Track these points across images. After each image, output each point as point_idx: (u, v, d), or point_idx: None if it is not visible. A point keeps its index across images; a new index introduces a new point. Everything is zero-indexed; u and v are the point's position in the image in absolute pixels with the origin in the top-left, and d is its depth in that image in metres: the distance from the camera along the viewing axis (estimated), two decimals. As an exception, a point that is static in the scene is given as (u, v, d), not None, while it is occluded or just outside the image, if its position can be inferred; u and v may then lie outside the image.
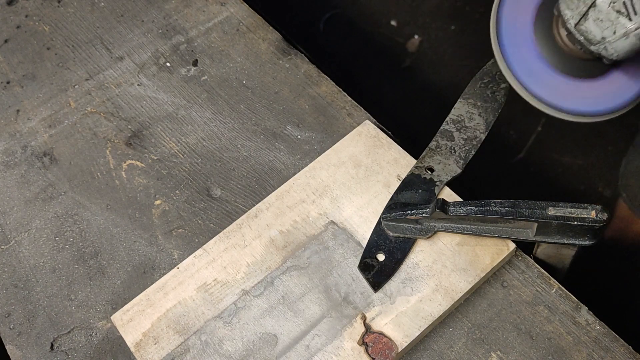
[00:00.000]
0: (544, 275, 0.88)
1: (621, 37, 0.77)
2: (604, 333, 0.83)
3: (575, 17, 0.80)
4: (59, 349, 0.88)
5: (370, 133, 0.98)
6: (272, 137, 1.04)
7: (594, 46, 0.81)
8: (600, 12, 0.78)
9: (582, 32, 0.81)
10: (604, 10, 0.77)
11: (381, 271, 0.86)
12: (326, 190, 0.94)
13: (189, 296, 0.87)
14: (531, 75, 0.89)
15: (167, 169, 1.02)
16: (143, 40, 1.18)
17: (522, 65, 0.89)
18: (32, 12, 1.24)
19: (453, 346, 0.84)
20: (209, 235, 0.94)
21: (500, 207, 0.82)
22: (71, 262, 0.95)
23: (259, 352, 0.82)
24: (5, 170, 1.05)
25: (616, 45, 0.79)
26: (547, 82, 0.89)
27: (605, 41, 0.79)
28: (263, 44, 1.16)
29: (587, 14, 0.79)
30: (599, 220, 0.79)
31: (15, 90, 1.14)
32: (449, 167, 0.93)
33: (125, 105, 1.10)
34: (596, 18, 0.78)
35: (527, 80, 0.89)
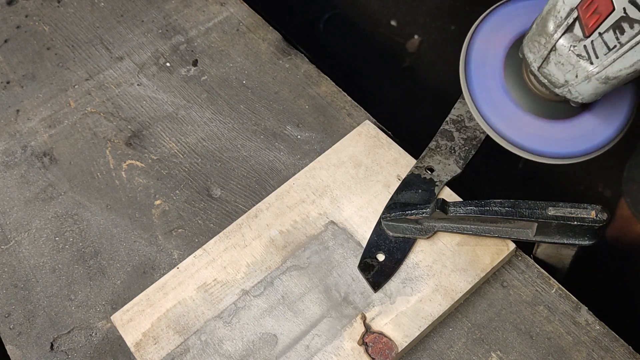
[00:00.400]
0: (544, 275, 0.88)
1: (583, 80, 0.77)
2: (603, 333, 0.83)
3: (537, 61, 0.80)
4: (59, 349, 0.88)
5: (370, 133, 0.98)
6: (272, 137, 1.04)
7: (559, 89, 0.81)
8: (561, 56, 0.77)
9: (545, 75, 0.81)
10: (565, 54, 0.76)
11: (381, 271, 0.86)
12: (326, 190, 0.94)
13: (189, 296, 0.87)
14: (501, 116, 0.88)
15: (167, 169, 1.03)
16: (143, 40, 1.18)
17: (493, 107, 0.89)
18: (32, 12, 1.24)
19: (453, 346, 0.84)
20: (209, 235, 0.94)
21: (500, 207, 0.82)
22: (71, 262, 0.95)
23: (259, 352, 0.82)
24: (5, 170, 1.05)
25: (579, 88, 0.78)
26: (517, 123, 0.88)
27: (568, 84, 0.79)
28: (263, 44, 1.16)
29: (549, 58, 0.78)
30: (599, 220, 0.79)
31: (15, 90, 1.14)
32: (449, 167, 0.93)
33: (125, 105, 1.10)
34: (557, 62, 0.78)
35: (497, 122, 0.88)
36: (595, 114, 0.87)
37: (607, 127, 0.87)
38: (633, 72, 0.74)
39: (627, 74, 0.74)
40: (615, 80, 0.75)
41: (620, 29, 0.72)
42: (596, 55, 0.74)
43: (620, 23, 0.71)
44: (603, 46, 0.73)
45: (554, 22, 0.76)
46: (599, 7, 0.72)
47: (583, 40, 0.74)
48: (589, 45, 0.74)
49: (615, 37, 0.72)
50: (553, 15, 0.76)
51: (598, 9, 0.72)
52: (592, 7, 0.72)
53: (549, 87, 0.82)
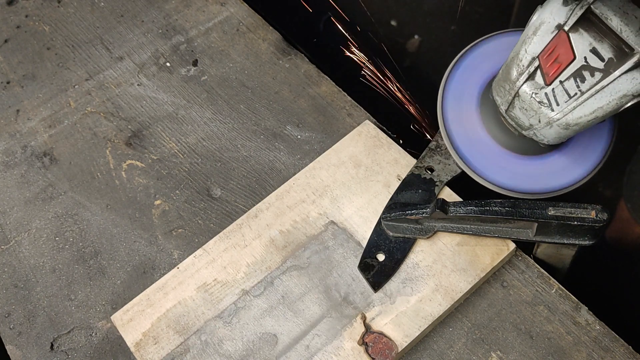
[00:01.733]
0: (544, 275, 0.88)
1: (545, 125, 0.79)
2: (604, 333, 0.83)
3: (504, 104, 0.82)
4: (59, 349, 0.88)
5: (370, 133, 0.98)
6: (272, 137, 1.04)
7: (525, 131, 0.83)
8: (523, 102, 0.79)
9: (512, 118, 0.83)
10: (527, 100, 0.78)
11: (381, 271, 0.86)
12: (326, 190, 0.94)
13: (189, 296, 0.87)
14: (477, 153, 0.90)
15: (167, 169, 1.02)
16: (143, 40, 1.18)
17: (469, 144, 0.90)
18: (32, 12, 1.24)
19: (453, 346, 0.84)
20: (209, 235, 0.94)
21: (500, 207, 0.82)
22: (71, 262, 0.95)
23: (259, 352, 0.82)
24: (5, 170, 1.05)
25: (543, 132, 0.81)
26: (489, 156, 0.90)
27: (533, 128, 0.81)
28: (263, 44, 1.16)
29: (514, 103, 0.81)
30: (599, 220, 0.79)
31: (15, 90, 1.14)
32: (449, 167, 0.93)
33: (125, 105, 1.10)
34: (521, 107, 0.80)
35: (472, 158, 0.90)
36: (566, 154, 0.89)
37: (577, 167, 0.88)
38: (593, 119, 0.76)
39: (587, 121, 0.76)
40: (576, 126, 0.77)
41: (581, 77, 0.74)
42: (557, 103, 0.76)
43: (582, 71, 0.74)
44: (564, 94, 0.76)
45: (517, 69, 0.78)
46: (560, 56, 0.74)
47: (544, 88, 0.77)
48: (550, 93, 0.76)
49: (576, 84, 0.74)
50: (516, 64, 0.78)
51: (559, 58, 0.74)
52: (553, 56, 0.75)
53: (517, 128, 0.84)
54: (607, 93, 0.73)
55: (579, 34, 0.73)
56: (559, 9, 0.74)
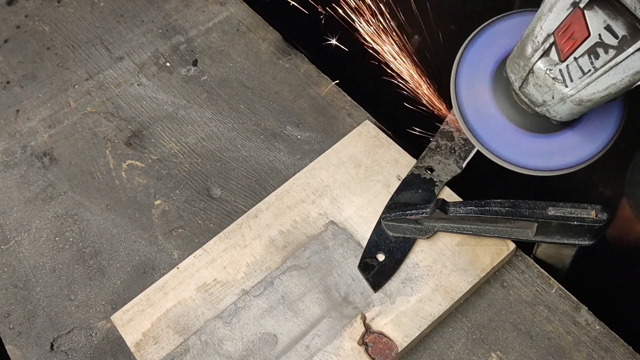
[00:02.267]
0: (544, 275, 0.88)
1: (559, 102, 0.80)
2: (604, 333, 0.83)
3: (518, 81, 0.83)
4: (59, 349, 0.88)
5: (370, 133, 0.98)
6: (272, 137, 1.04)
7: (538, 108, 0.84)
8: (537, 78, 0.80)
9: (525, 95, 0.84)
10: (541, 76, 0.79)
11: (381, 271, 0.86)
12: (326, 190, 0.94)
13: (189, 296, 0.87)
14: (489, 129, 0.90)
15: (167, 169, 1.02)
16: (143, 40, 1.18)
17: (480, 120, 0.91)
18: (32, 12, 1.24)
19: (453, 346, 0.84)
20: (209, 235, 0.94)
21: (500, 207, 0.82)
22: (71, 262, 0.95)
23: (259, 352, 0.82)
24: (5, 170, 1.05)
25: (557, 109, 0.81)
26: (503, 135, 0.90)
27: (546, 104, 0.82)
28: (263, 44, 1.16)
29: (528, 79, 0.82)
30: (599, 220, 0.79)
31: (15, 90, 1.14)
32: (449, 167, 0.93)
33: (125, 105, 1.10)
34: (535, 83, 0.81)
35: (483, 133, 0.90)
36: (578, 132, 0.90)
37: (588, 144, 0.89)
38: (606, 95, 0.76)
39: (600, 97, 0.77)
40: (589, 102, 0.78)
41: (595, 54, 0.74)
42: (571, 79, 0.77)
43: (595, 48, 0.74)
44: (578, 70, 0.76)
45: (532, 46, 0.79)
46: (575, 33, 0.75)
47: (559, 64, 0.77)
48: (564, 69, 0.77)
49: (590, 61, 0.75)
50: (531, 40, 0.79)
51: (574, 35, 0.75)
52: (568, 33, 0.75)
53: (530, 105, 0.85)
54: (620, 70, 0.74)
55: (594, 11, 0.74)
56: None
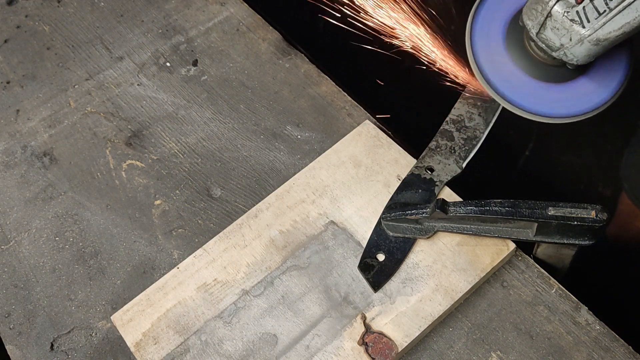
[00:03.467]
0: (544, 275, 0.88)
1: (577, 43, 0.83)
2: (604, 333, 0.83)
3: (535, 27, 0.86)
4: (59, 349, 0.88)
5: (370, 133, 0.98)
6: (272, 137, 1.04)
7: (555, 52, 0.87)
8: (555, 21, 0.83)
9: (543, 40, 0.87)
10: (559, 19, 0.83)
11: (381, 271, 0.86)
12: (326, 190, 0.94)
13: (189, 296, 0.87)
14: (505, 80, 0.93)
15: (167, 169, 1.02)
16: (143, 40, 1.18)
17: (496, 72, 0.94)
18: (32, 12, 1.24)
19: (453, 346, 0.84)
20: (209, 235, 0.94)
21: (500, 207, 0.82)
22: (71, 262, 0.95)
23: (259, 352, 0.82)
24: (5, 170, 1.05)
25: (574, 51, 0.85)
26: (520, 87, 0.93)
27: (563, 47, 0.85)
28: (263, 44, 1.16)
29: (545, 24, 0.85)
30: (599, 220, 0.79)
31: (15, 90, 1.14)
32: (449, 167, 0.93)
33: (125, 105, 1.10)
34: (553, 27, 0.84)
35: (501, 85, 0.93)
36: (591, 78, 0.93)
37: (602, 89, 0.93)
38: (622, 34, 0.80)
39: (616, 36, 0.80)
40: (605, 42, 0.81)
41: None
42: (587, 20, 0.81)
43: None
44: (594, 11, 0.80)
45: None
46: None
47: (575, 6, 0.81)
48: (581, 11, 0.81)
49: (605, 2, 0.79)
50: None
51: None
52: None
53: (547, 51, 0.88)
54: (633, 9, 0.78)
55: None
56: None
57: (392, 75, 1.14)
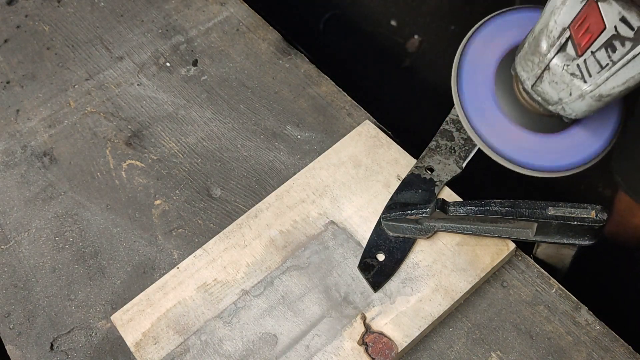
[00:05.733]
0: (544, 275, 0.88)
1: (577, 98, 0.77)
2: (603, 333, 0.83)
3: (531, 79, 0.81)
4: (58, 349, 0.88)
5: (370, 133, 0.98)
6: (272, 137, 1.04)
7: (552, 106, 0.81)
8: (554, 75, 0.77)
9: (539, 93, 0.81)
10: (558, 73, 0.77)
11: (381, 271, 0.86)
12: (326, 190, 0.94)
13: (189, 296, 0.87)
14: (492, 130, 0.89)
15: (167, 169, 1.03)
16: (143, 40, 1.18)
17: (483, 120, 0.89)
18: (32, 12, 1.24)
19: (453, 346, 0.84)
20: (209, 235, 0.94)
21: (500, 207, 0.82)
22: (71, 262, 0.95)
23: (259, 352, 0.82)
24: (5, 170, 1.05)
25: (573, 106, 0.79)
26: (508, 137, 0.89)
27: (562, 102, 0.79)
28: (263, 44, 1.16)
29: (543, 76, 0.79)
30: (599, 220, 0.79)
31: (15, 90, 1.14)
32: (449, 167, 0.93)
33: (125, 105, 1.10)
34: (551, 80, 0.78)
35: (488, 135, 0.89)
36: (583, 128, 0.88)
37: (595, 140, 0.88)
38: (625, 89, 0.74)
39: (619, 91, 0.75)
40: (608, 97, 0.76)
41: (612, 47, 0.72)
42: (589, 74, 0.75)
43: (612, 41, 0.72)
44: (596, 64, 0.74)
45: (547, 41, 0.76)
46: (591, 26, 0.72)
47: (576, 59, 0.75)
48: (582, 64, 0.75)
49: (607, 55, 0.73)
50: (546, 35, 0.76)
51: (590, 28, 0.73)
52: (584, 26, 0.73)
53: (543, 104, 0.82)
54: (638, 62, 0.72)
55: (608, 3, 0.71)
56: None
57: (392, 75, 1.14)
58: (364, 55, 1.70)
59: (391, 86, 1.57)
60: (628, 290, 1.05)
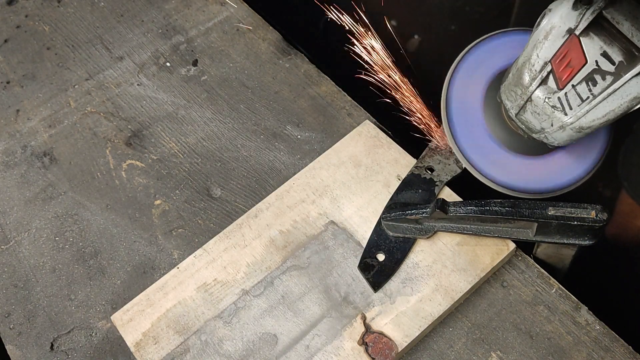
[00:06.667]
0: (544, 275, 0.88)
1: (558, 129, 0.79)
2: (604, 333, 0.83)
3: (515, 108, 0.83)
4: (59, 349, 0.88)
5: (370, 133, 0.98)
6: (272, 137, 1.04)
7: (535, 134, 0.83)
8: (536, 107, 0.79)
9: (522, 122, 0.83)
10: (540, 105, 0.79)
11: (381, 271, 0.86)
12: (326, 190, 0.94)
13: (189, 296, 0.87)
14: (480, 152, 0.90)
15: (167, 169, 1.02)
16: (143, 40, 1.18)
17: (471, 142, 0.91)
18: (32, 12, 1.24)
19: (453, 346, 0.84)
20: (209, 235, 0.94)
21: (500, 207, 0.82)
22: (71, 262, 0.95)
23: (259, 352, 0.82)
24: (5, 170, 1.05)
25: (555, 136, 0.81)
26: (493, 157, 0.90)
27: (544, 131, 0.81)
28: (263, 44, 1.16)
29: (525, 107, 0.81)
30: (599, 220, 0.79)
31: (15, 90, 1.14)
32: (449, 167, 0.93)
33: (125, 105, 1.10)
34: (533, 111, 0.80)
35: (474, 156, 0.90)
36: (569, 153, 0.90)
37: (579, 165, 0.89)
38: (605, 122, 0.76)
39: (599, 124, 0.76)
40: (588, 129, 0.77)
41: (593, 80, 0.74)
42: (570, 107, 0.77)
43: (593, 75, 0.74)
44: (576, 98, 0.76)
45: (529, 74, 0.78)
46: (572, 61, 0.74)
47: (557, 92, 0.77)
48: (563, 97, 0.77)
49: (588, 88, 0.74)
50: (528, 68, 0.78)
51: (571, 62, 0.74)
52: (565, 61, 0.75)
53: (527, 132, 0.84)
54: (619, 96, 0.73)
55: (590, 38, 0.73)
56: (568, 13, 0.74)
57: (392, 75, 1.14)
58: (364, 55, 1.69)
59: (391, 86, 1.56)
60: (628, 290, 1.05)
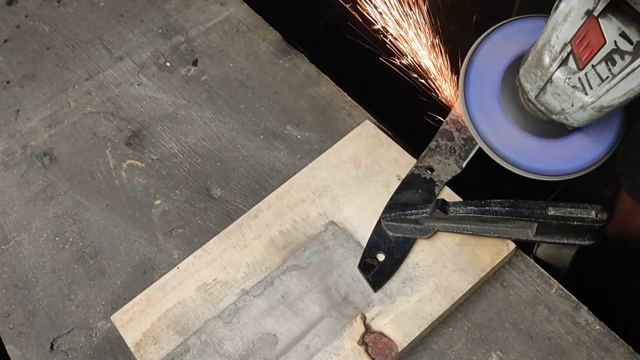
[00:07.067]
0: (544, 275, 0.88)
1: (579, 109, 0.80)
2: (604, 333, 0.83)
3: (534, 90, 0.83)
4: (59, 349, 0.88)
5: (370, 133, 0.98)
6: (272, 137, 1.04)
7: (555, 116, 0.84)
8: (557, 87, 0.80)
9: (542, 104, 0.84)
10: (560, 85, 0.79)
11: (381, 271, 0.86)
12: (326, 190, 0.94)
13: (189, 296, 0.87)
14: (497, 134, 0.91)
15: (167, 169, 1.02)
16: (143, 40, 1.18)
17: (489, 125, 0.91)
18: (32, 12, 1.24)
19: (453, 346, 0.84)
20: (209, 235, 0.94)
21: (500, 207, 0.82)
22: (71, 262, 0.95)
23: (259, 352, 0.82)
24: (5, 170, 1.05)
25: (575, 116, 0.82)
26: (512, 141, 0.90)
27: (564, 112, 0.82)
28: (263, 43, 1.16)
29: (545, 88, 0.82)
30: (599, 220, 0.79)
31: (15, 90, 1.14)
32: (449, 167, 0.93)
33: (125, 105, 1.10)
34: (554, 92, 0.81)
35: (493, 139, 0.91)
36: (586, 134, 0.90)
37: (597, 145, 0.90)
38: (625, 100, 0.77)
39: (619, 102, 0.77)
40: (609, 108, 0.78)
41: (612, 60, 0.75)
42: (590, 86, 0.77)
43: (612, 55, 0.74)
44: (596, 77, 0.76)
45: (549, 56, 0.79)
46: (591, 41, 0.75)
47: (577, 73, 0.78)
48: (583, 77, 0.77)
49: (608, 68, 0.75)
50: (548, 50, 0.79)
51: (590, 43, 0.75)
52: (585, 41, 0.76)
53: (546, 113, 0.85)
54: (638, 74, 0.74)
55: (608, 19, 0.74)
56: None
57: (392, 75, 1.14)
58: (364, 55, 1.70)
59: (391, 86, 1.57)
60: (628, 290, 1.05)
